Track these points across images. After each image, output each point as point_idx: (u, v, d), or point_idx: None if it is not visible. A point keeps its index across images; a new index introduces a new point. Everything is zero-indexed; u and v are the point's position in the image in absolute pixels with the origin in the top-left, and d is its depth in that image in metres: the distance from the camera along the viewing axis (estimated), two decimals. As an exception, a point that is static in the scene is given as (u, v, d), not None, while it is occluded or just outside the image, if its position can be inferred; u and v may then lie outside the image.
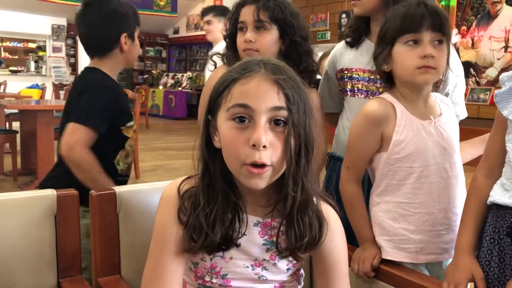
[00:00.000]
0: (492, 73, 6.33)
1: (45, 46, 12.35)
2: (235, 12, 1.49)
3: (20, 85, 9.96)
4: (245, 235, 0.91)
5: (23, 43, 12.64)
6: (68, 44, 12.44)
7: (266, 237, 0.93)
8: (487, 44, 6.41)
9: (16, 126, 5.23)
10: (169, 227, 0.91)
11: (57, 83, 10.17)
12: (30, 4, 9.96)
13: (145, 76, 12.94)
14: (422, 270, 1.26)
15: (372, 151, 1.26)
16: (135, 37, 1.73)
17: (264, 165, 0.83)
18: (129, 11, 1.70)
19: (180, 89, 11.26)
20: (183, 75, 11.73)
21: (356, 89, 1.55)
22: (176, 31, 13.03)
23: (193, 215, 0.89)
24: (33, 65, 12.41)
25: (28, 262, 1.19)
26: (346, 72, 1.58)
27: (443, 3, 6.62)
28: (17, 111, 4.96)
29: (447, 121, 1.27)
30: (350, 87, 1.57)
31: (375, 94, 1.49)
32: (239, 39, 1.48)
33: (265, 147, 0.82)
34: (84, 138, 1.52)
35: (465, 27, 6.65)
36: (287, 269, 0.96)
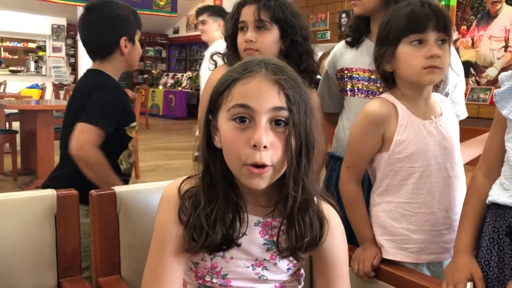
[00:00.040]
0: (492, 72, 6.32)
1: (45, 46, 12.36)
2: (235, 12, 1.49)
3: (20, 85, 9.96)
4: (245, 235, 0.91)
5: (23, 43, 12.65)
6: (68, 44, 12.45)
7: (266, 236, 0.93)
8: (487, 44, 6.41)
9: (16, 126, 5.23)
10: (169, 227, 0.91)
11: (57, 83, 10.18)
12: (30, 4, 9.95)
13: (145, 76, 12.95)
14: (423, 270, 1.26)
15: (373, 152, 1.26)
16: (135, 40, 1.76)
17: (265, 165, 0.83)
18: (129, 14, 1.74)
19: (180, 89, 11.26)
20: (183, 75, 11.73)
21: (356, 88, 1.55)
22: (176, 31, 13.03)
23: (194, 214, 0.89)
24: (33, 65, 12.41)
25: (28, 262, 1.19)
26: (346, 72, 1.57)
27: (443, 3, 6.62)
28: (17, 111, 4.96)
29: (447, 120, 1.27)
30: (350, 87, 1.56)
31: (375, 94, 1.48)
32: (239, 39, 1.47)
33: (265, 147, 0.82)
34: (93, 138, 1.57)
35: (465, 26, 6.65)
36: (288, 268, 0.96)
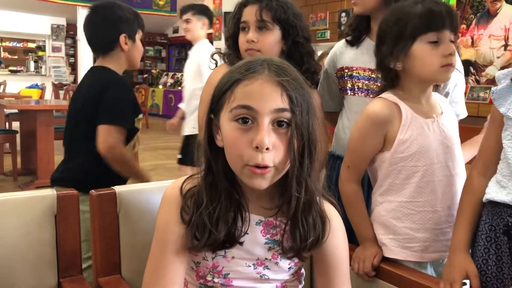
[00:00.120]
0: (492, 71, 6.31)
1: (44, 46, 12.36)
2: (237, 12, 1.48)
3: (20, 85, 9.96)
4: (247, 233, 0.91)
5: (22, 43, 12.64)
6: (68, 44, 12.44)
7: (268, 236, 0.93)
8: (486, 43, 6.40)
9: (16, 126, 5.23)
10: (171, 227, 0.91)
11: (56, 83, 10.18)
12: (30, 4, 9.95)
13: (144, 76, 12.94)
14: (427, 269, 1.26)
15: (374, 152, 1.25)
16: (136, 38, 1.86)
17: (267, 166, 0.83)
18: (130, 14, 1.85)
19: (180, 88, 11.24)
20: (182, 75, 11.71)
21: (357, 87, 1.55)
22: (176, 31, 13.02)
23: (196, 213, 0.88)
24: (32, 65, 12.41)
25: (28, 262, 1.19)
26: (347, 71, 1.57)
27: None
28: (17, 111, 4.96)
29: (448, 119, 1.27)
30: (350, 86, 1.56)
31: (376, 93, 1.48)
32: (241, 39, 1.47)
33: (268, 149, 0.82)
34: (120, 137, 1.72)
35: (464, 25, 6.64)
36: (289, 268, 0.96)
